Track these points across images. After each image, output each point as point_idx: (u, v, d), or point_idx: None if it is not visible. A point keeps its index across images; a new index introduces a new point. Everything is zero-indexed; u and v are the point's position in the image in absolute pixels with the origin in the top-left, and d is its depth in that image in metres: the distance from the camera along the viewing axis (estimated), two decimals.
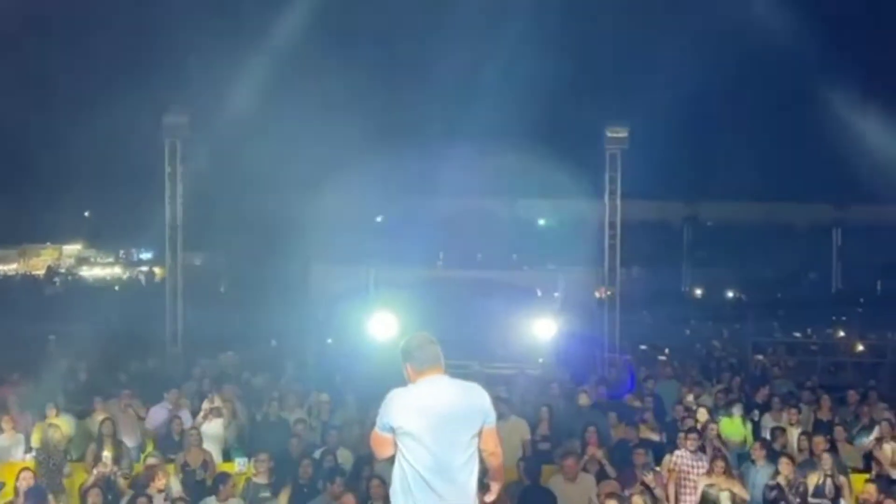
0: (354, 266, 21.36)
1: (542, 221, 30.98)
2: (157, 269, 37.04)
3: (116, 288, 39.17)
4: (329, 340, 20.38)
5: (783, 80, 31.39)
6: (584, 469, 11.40)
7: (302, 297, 22.97)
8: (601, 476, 11.38)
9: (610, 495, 9.78)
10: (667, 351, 20.05)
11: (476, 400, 5.47)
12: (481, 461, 5.49)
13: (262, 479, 10.52)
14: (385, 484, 10.22)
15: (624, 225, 20.42)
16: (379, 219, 26.66)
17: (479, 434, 5.41)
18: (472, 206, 29.02)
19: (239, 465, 11.34)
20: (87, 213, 38.50)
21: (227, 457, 12.26)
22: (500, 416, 12.97)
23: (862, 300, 32.92)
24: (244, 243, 22.56)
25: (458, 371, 17.48)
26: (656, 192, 29.87)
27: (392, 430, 5.35)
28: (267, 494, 10.05)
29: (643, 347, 21.21)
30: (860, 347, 22.26)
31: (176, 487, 10.23)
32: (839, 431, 12.60)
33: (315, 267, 23.25)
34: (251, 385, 15.60)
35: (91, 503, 9.68)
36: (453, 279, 21.62)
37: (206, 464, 11.22)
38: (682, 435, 11.80)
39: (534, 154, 27.80)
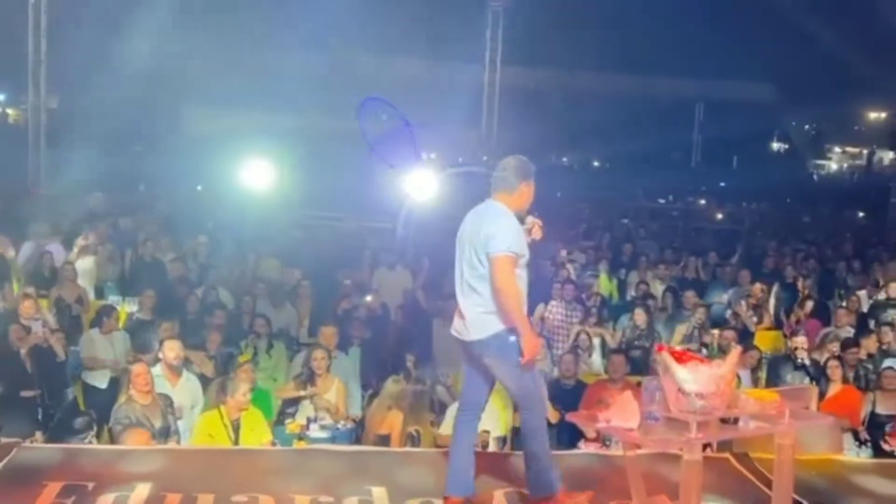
0: (226, 110, 20.79)
1: (418, 81, 30.59)
2: (9, 111, 35.14)
3: None
4: (199, 187, 19.97)
5: None
6: None
7: (171, 141, 22.27)
8: None
9: None
10: (537, 212, 20.36)
11: (485, 224, 5.46)
12: None
13: (146, 315, 10.38)
14: (269, 322, 10.27)
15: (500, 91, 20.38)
16: (251, 68, 25.78)
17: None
18: (344, 62, 28.39)
19: (113, 303, 11.12)
20: None
21: (99, 294, 12.04)
22: (389, 266, 13.34)
23: (720, 173, 34.29)
24: (108, 84, 21.54)
25: (333, 224, 17.47)
26: (529, 59, 29.89)
27: None
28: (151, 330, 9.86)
29: None
30: (720, 215, 23.21)
31: (50, 318, 9.97)
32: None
33: (187, 111, 22.53)
34: (119, 226, 15.20)
35: None
36: (328, 131, 21.34)
37: (81, 299, 10.99)
38: (557, 286, 12.18)
39: (409, 12, 27.27)
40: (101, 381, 9.56)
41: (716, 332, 10.85)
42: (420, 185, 18.58)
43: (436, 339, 10.98)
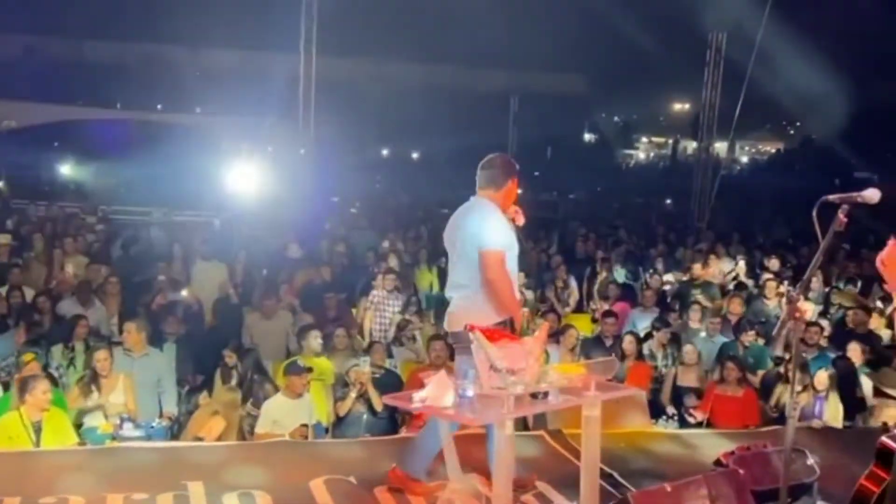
0: (30, 101, 19.79)
1: (233, 72, 30.01)
2: None
3: None
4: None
5: None
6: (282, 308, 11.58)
7: None
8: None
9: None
10: (357, 204, 20.41)
11: (473, 220, 5.58)
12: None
13: None
14: (88, 323, 9.85)
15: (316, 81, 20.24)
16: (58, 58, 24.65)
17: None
18: (155, 53, 27.61)
19: None
20: None
21: None
22: (206, 259, 13.03)
23: (535, 163, 35.09)
24: None
25: (141, 218, 17.00)
26: (346, 50, 29.84)
27: None
28: None
29: (335, 199, 21.47)
30: (535, 205, 23.80)
31: None
32: (520, 276, 13.54)
33: None
34: None
35: None
36: (142, 122, 20.70)
37: None
38: (380, 276, 12.22)
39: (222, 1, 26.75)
40: None
41: (525, 310, 11.13)
42: (239, 176, 18.33)
43: (254, 332, 10.83)
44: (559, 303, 12.97)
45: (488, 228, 5.53)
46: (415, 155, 37.56)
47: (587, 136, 49.66)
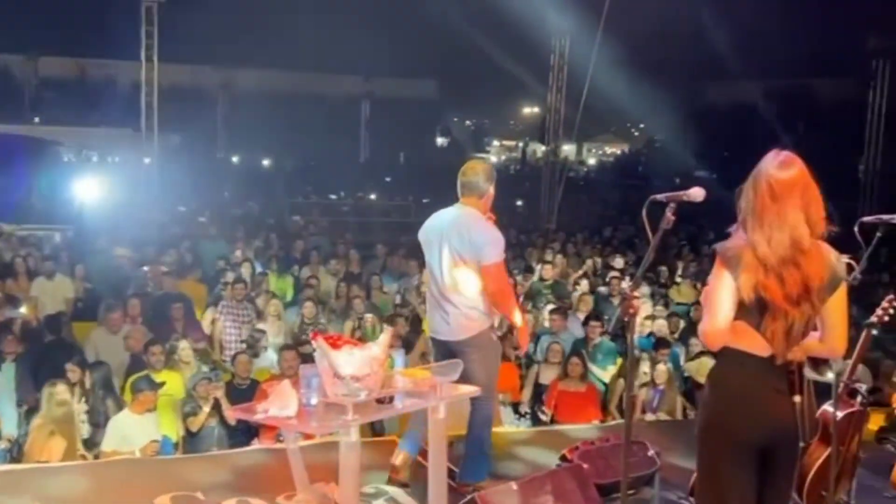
0: None
1: (72, 81, 29.05)
2: None
3: None
4: None
5: None
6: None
7: None
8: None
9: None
10: (206, 212, 19.95)
11: (469, 232, 5.60)
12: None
13: None
14: None
15: (159, 90, 19.86)
16: None
17: (479, 270, 5.59)
18: None
19: None
20: None
21: None
22: (48, 274, 12.53)
23: (387, 168, 35.25)
24: None
25: None
26: (190, 57, 29.31)
27: None
28: None
29: (182, 209, 20.95)
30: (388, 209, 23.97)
31: None
32: (375, 280, 13.58)
33: None
34: None
35: None
36: None
37: None
38: (228, 287, 12.00)
39: (58, 9, 25.92)
40: None
41: (369, 316, 11.20)
42: (82, 187, 17.74)
43: (99, 347, 10.48)
44: (419, 306, 12.97)
45: (489, 240, 5.66)
46: (265, 162, 37.06)
47: (439, 141, 50.09)
